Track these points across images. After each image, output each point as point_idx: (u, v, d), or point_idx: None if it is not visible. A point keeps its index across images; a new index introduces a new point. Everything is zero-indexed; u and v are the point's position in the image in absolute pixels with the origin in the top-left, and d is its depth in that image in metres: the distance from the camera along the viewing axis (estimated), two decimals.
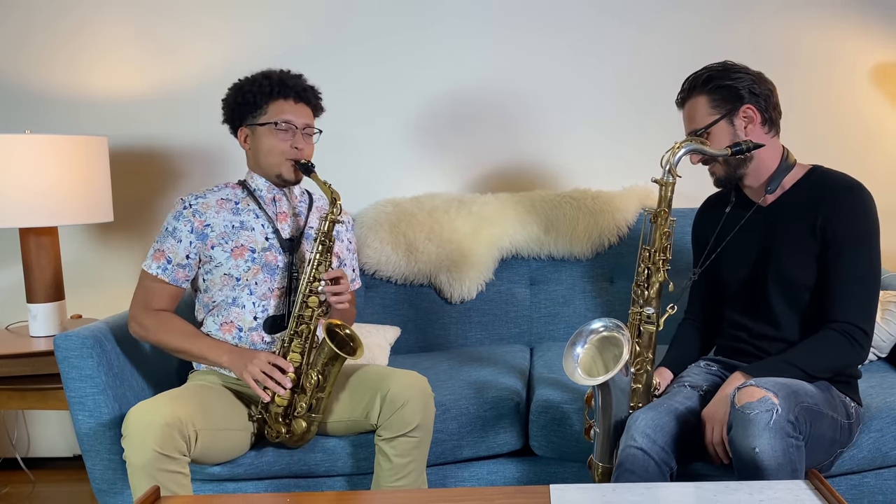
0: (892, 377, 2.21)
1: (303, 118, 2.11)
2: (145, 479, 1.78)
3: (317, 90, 2.18)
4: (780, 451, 1.61)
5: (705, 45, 2.94)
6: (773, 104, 1.93)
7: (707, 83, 1.92)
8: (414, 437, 1.96)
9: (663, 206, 1.87)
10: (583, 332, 1.83)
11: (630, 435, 1.77)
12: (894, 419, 1.97)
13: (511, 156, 3.04)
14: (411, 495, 1.57)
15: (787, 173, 1.93)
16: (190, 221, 2.07)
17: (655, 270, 1.87)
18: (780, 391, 1.65)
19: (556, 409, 2.14)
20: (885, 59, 2.92)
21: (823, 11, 2.92)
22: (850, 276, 1.83)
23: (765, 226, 1.96)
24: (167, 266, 2.07)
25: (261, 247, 2.10)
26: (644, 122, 2.99)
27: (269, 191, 2.15)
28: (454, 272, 2.75)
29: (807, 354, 1.83)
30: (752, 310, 1.99)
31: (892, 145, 2.95)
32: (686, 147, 1.84)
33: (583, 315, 2.78)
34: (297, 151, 2.08)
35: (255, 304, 2.09)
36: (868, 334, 1.83)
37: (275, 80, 2.10)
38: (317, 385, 2.00)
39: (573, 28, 2.98)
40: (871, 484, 2.03)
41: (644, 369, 1.88)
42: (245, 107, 2.11)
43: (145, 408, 1.84)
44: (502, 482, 2.22)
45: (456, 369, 2.44)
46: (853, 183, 1.88)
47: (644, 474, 1.73)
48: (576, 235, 2.77)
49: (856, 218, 1.84)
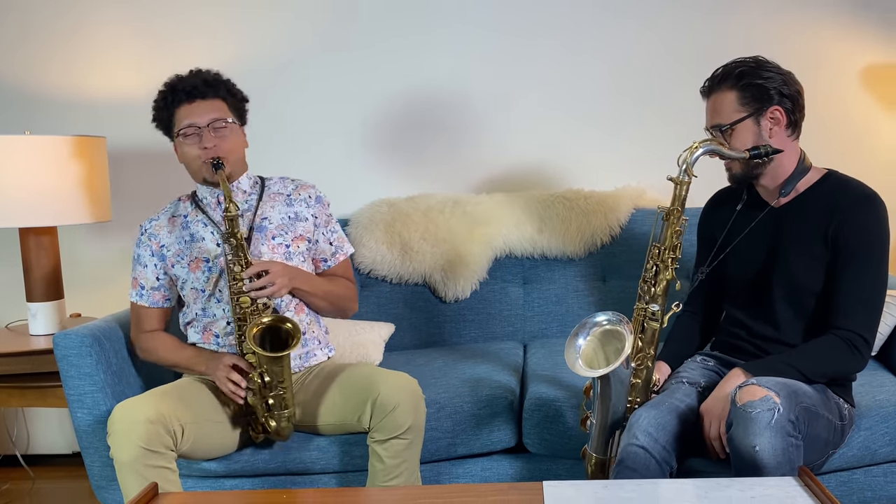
0: (881, 375, 2.21)
1: (205, 116, 2.05)
2: (132, 476, 1.80)
3: (217, 79, 2.11)
4: (780, 450, 1.61)
5: (698, 47, 2.92)
6: (799, 106, 1.90)
7: (739, 79, 1.87)
8: (405, 438, 1.96)
9: (677, 205, 1.86)
10: (586, 324, 1.83)
11: (632, 433, 1.76)
12: (883, 417, 1.98)
13: (505, 157, 3.03)
14: (406, 492, 1.59)
15: (802, 176, 1.92)
16: (149, 246, 2.13)
17: (664, 268, 1.87)
18: (781, 391, 1.66)
19: (550, 406, 2.14)
20: (875, 61, 2.91)
21: (815, 11, 2.91)
22: (858, 285, 1.82)
23: (775, 227, 1.95)
24: (142, 292, 2.14)
25: (213, 254, 2.10)
26: (637, 123, 2.99)
27: (211, 195, 2.14)
28: (449, 271, 2.75)
29: (807, 358, 1.83)
30: (753, 309, 1.98)
31: (881, 147, 2.95)
32: (704, 147, 1.82)
33: (576, 314, 2.76)
34: (206, 151, 2.03)
35: (225, 310, 2.08)
36: (869, 344, 1.82)
37: (168, 89, 2.09)
38: (263, 385, 1.96)
39: (567, 30, 2.97)
40: (860, 481, 2.04)
41: (645, 365, 1.88)
42: (161, 124, 2.13)
43: (129, 405, 1.86)
44: (496, 479, 2.22)
45: (450, 367, 2.44)
46: (868, 192, 1.86)
47: (645, 472, 1.73)
48: (569, 235, 2.76)
49: (868, 227, 1.83)
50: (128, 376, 2.20)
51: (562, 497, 1.49)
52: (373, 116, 3.02)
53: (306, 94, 3.01)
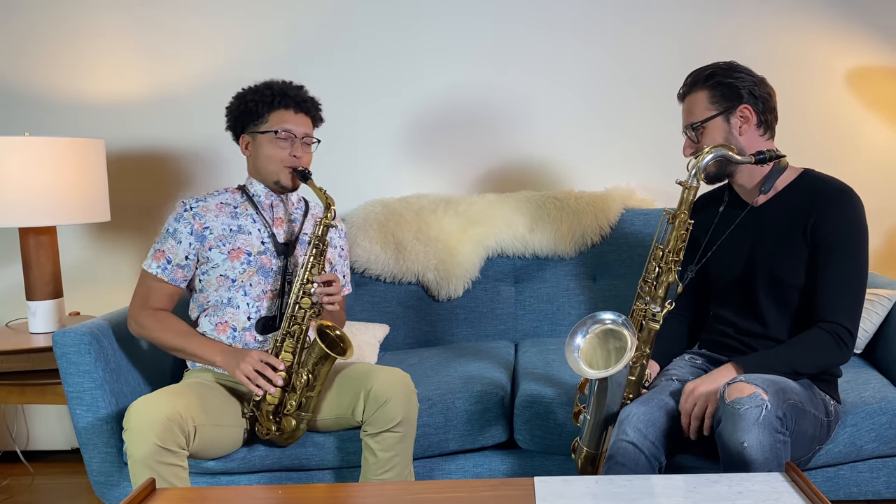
0: (867, 372, 2.24)
1: (302, 127, 2.14)
2: (145, 472, 1.80)
3: (317, 101, 2.21)
4: (768, 446, 1.63)
5: (684, 50, 2.93)
6: (770, 108, 1.93)
7: (709, 79, 1.92)
8: (398, 431, 1.98)
9: (683, 209, 1.87)
10: (586, 322, 1.82)
11: (622, 429, 1.78)
12: (868, 414, 2.00)
13: (497, 157, 3.03)
14: (399, 487, 1.58)
15: (779, 175, 1.94)
16: (190, 223, 2.10)
17: (666, 270, 1.88)
18: (769, 388, 1.67)
19: (540, 403, 2.15)
20: (861, 63, 2.93)
21: (801, 13, 2.92)
22: (839, 278, 1.84)
23: (756, 226, 1.97)
24: (167, 266, 2.09)
25: (256, 250, 2.12)
26: (627, 125, 2.99)
27: (266, 197, 2.18)
28: (441, 271, 2.75)
29: (795, 352, 1.84)
30: (739, 307, 2.00)
31: (867, 148, 2.96)
32: (715, 153, 1.83)
33: (567, 312, 2.78)
34: (295, 159, 2.11)
35: (249, 304, 2.10)
36: (853, 335, 1.84)
37: (276, 90, 2.13)
38: (306, 384, 2.01)
39: (560, 35, 2.97)
40: (846, 476, 2.06)
41: (640, 363, 1.90)
42: (247, 115, 2.14)
43: (147, 402, 1.85)
44: (488, 475, 2.22)
45: (443, 365, 2.44)
46: (844, 187, 1.88)
47: (635, 468, 1.75)
48: (560, 235, 2.77)
49: (846, 221, 1.84)
50: (126, 374, 2.19)
51: (553, 492, 1.49)
52: (366, 118, 3.02)
53: None
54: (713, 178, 1.98)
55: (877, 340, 2.35)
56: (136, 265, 3.07)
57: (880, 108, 2.95)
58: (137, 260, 3.06)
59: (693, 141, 1.96)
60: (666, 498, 1.45)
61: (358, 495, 1.54)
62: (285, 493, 1.55)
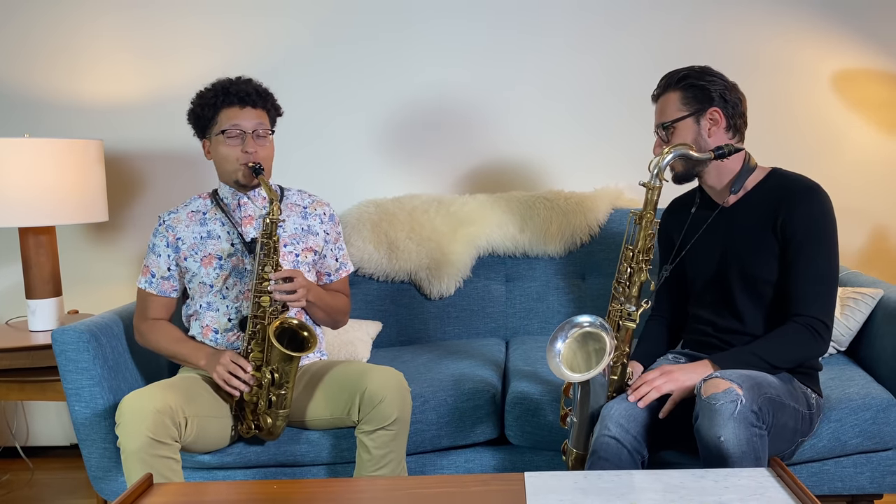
0: (850, 370, 2.25)
1: (251, 121, 2.09)
2: (138, 465, 1.81)
3: (264, 91, 2.16)
4: (745, 440, 1.64)
5: (671, 52, 2.93)
6: (739, 113, 1.95)
7: (682, 80, 1.94)
8: (392, 430, 1.98)
9: (649, 209, 1.87)
10: (564, 327, 1.82)
11: (605, 424, 1.79)
12: (853, 410, 2.02)
13: (488, 159, 3.03)
14: (392, 482, 1.59)
15: (749, 175, 1.96)
16: (165, 237, 2.15)
17: (638, 270, 1.88)
18: (744, 383, 1.69)
19: (531, 400, 2.16)
20: (846, 66, 2.95)
21: (788, 18, 2.93)
22: (811, 273, 1.86)
23: (728, 226, 1.98)
24: (152, 280, 2.16)
25: (227, 253, 2.14)
26: (615, 126, 3.00)
27: (234, 197, 2.17)
28: (433, 269, 2.76)
29: (771, 346, 1.86)
30: (717, 306, 2.01)
31: (851, 149, 2.97)
32: (675, 152, 1.85)
33: (556, 310, 2.79)
34: (247, 155, 2.08)
35: (228, 307, 2.13)
36: (829, 327, 1.85)
37: (219, 89, 2.11)
38: (272, 382, 2.00)
39: (548, 39, 2.98)
40: (830, 471, 2.08)
41: (620, 362, 1.91)
42: (200, 120, 2.14)
43: (138, 395, 1.86)
44: (479, 470, 2.23)
45: (435, 362, 2.45)
46: (811, 184, 1.91)
47: (617, 462, 1.76)
48: (549, 234, 2.77)
49: (814, 217, 1.87)
50: (124, 371, 2.20)
51: (543, 487, 1.50)
52: (360, 120, 3.02)
53: (295, 99, 3.01)
54: (682, 179, 2.01)
55: (860, 338, 2.37)
56: (134, 264, 3.08)
57: (865, 110, 2.97)
58: (135, 259, 3.07)
59: (664, 140, 1.98)
60: (653, 492, 1.46)
61: (352, 490, 1.54)
62: (280, 487, 1.55)
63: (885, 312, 2.28)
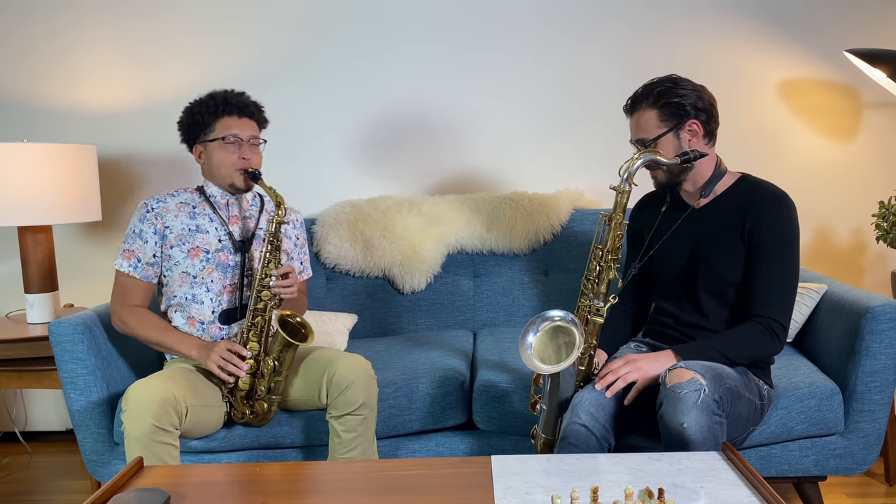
0: (797, 360, 2.30)
1: (248, 131, 2.16)
2: (141, 450, 1.84)
3: (258, 105, 2.23)
4: (706, 427, 1.67)
5: (630, 61, 2.99)
6: (713, 117, 1.96)
7: (658, 98, 1.92)
8: (359, 414, 2.03)
9: (618, 211, 1.90)
10: (536, 321, 1.83)
11: (575, 412, 1.82)
12: (798, 398, 2.07)
13: (456, 162, 3.07)
14: (367, 465, 1.60)
15: (719, 180, 1.98)
16: (153, 224, 2.13)
17: (606, 268, 1.91)
18: (706, 373, 1.72)
19: (497, 388, 2.21)
20: (790, 76, 3.00)
21: (734, 31, 2.98)
22: (774, 277, 1.88)
23: (697, 226, 2.00)
24: (137, 264, 2.13)
25: (214, 248, 2.15)
26: (576, 131, 3.05)
27: (222, 196, 2.21)
28: (406, 266, 2.79)
29: (731, 343, 1.88)
30: (681, 301, 2.04)
31: (797, 153, 3.03)
32: (643, 158, 1.87)
33: (521, 304, 2.83)
34: (245, 161, 2.14)
35: (212, 299, 2.15)
36: (786, 329, 1.88)
37: (219, 99, 2.15)
38: (273, 370, 2.06)
39: (511, 49, 3.02)
40: (777, 455, 2.14)
41: (588, 353, 1.95)
42: (196, 126, 2.17)
43: (144, 385, 1.89)
44: (449, 453, 2.28)
45: (407, 352, 2.49)
46: (779, 193, 1.92)
47: (585, 448, 1.80)
48: (514, 233, 2.82)
49: (780, 225, 1.89)
50: (116, 361, 2.24)
51: (508, 469, 1.53)
52: (336, 127, 3.06)
53: (276, 107, 3.05)
54: (665, 187, 2.02)
55: (806, 330, 2.42)
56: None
57: (808, 117, 3.03)
58: None
59: None
60: (612, 475, 1.49)
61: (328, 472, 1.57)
62: (262, 470, 1.58)
63: (828, 306, 2.32)
